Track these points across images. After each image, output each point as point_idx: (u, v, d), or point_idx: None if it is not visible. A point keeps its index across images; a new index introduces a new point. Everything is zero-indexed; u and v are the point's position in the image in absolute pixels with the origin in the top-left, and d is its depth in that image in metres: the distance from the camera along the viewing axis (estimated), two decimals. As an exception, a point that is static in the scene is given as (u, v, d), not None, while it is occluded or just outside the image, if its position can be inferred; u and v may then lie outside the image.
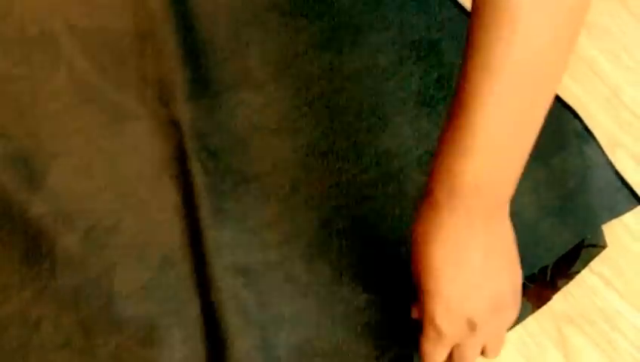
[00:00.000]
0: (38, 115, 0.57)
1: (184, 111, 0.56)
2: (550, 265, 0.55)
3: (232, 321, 0.50)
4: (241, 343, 0.50)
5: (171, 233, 0.54)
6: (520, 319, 0.54)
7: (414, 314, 0.48)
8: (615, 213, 0.57)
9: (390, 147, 0.58)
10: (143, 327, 0.50)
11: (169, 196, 0.55)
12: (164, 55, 0.59)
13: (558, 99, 0.59)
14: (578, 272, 0.55)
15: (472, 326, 0.43)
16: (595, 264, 0.56)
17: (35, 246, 0.52)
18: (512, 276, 0.45)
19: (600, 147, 0.58)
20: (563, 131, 0.58)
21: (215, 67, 0.59)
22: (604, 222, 0.56)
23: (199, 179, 0.55)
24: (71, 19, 0.60)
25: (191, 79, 0.58)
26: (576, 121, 0.59)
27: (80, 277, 0.52)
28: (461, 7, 0.63)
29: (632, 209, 0.57)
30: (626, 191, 0.57)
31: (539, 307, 0.54)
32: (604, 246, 0.56)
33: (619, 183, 0.57)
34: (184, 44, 0.59)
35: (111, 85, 0.58)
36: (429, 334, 0.44)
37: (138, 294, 0.52)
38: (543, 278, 0.55)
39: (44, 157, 0.55)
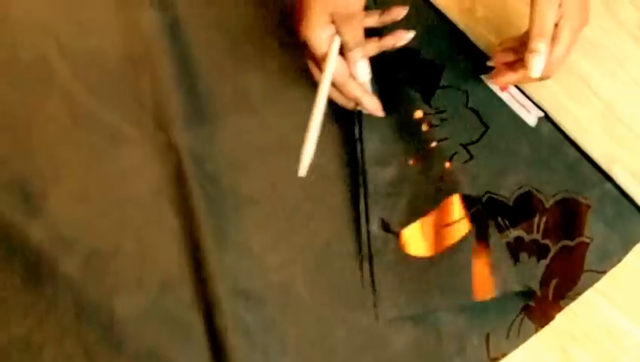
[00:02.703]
0: (33, 140, 0.57)
1: (182, 135, 0.57)
2: (553, 284, 0.54)
3: (237, 344, 0.51)
4: None
5: (171, 257, 0.54)
6: (524, 339, 0.54)
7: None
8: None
9: None
10: (147, 352, 0.51)
11: (168, 220, 0.55)
12: (160, 78, 0.59)
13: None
14: (579, 294, 0.55)
15: None
16: (598, 282, 0.56)
17: (35, 272, 0.53)
18: None
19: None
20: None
21: (211, 90, 0.59)
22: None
23: (199, 203, 0.55)
24: (64, 44, 0.60)
25: (187, 102, 0.59)
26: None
27: (81, 303, 0.52)
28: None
29: None
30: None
31: (542, 326, 0.55)
32: (605, 272, 0.56)
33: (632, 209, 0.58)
34: (179, 67, 0.60)
35: (106, 109, 0.59)
36: None
37: (140, 318, 0.52)
38: (546, 297, 0.55)
39: (41, 182, 0.56)
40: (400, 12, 0.58)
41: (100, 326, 0.52)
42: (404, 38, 0.57)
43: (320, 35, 0.52)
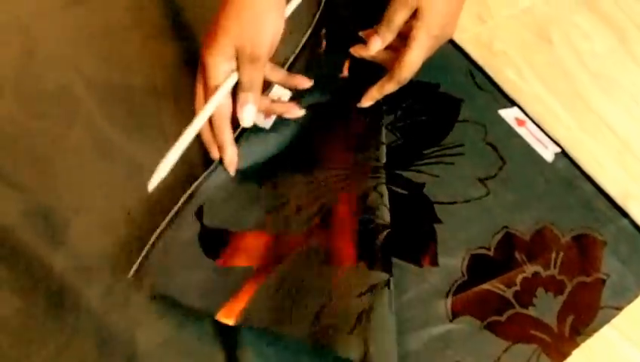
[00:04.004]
0: (57, 170, 0.58)
1: (204, 169, 0.56)
2: (569, 320, 0.54)
3: None
4: None
5: None
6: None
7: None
8: None
9: None
10: None
11: None
12: (183, 111, 0.59)
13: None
14: (596, 331, 0.56)
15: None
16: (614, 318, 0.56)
17: (58, 302, 0.53)
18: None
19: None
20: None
21: None
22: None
23: None
24: (89, 76, 0.61)
25: None
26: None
27: (103, 332, 0.52)
28: None
29: None
30: None
31: (559, 362, 0.54)
32: (621, 308, 0.57)
33: None
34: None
35: (129, 141, 0.59)
36: None
37: (160, 350, 0.52)
38: (562, 334, 0.54)
39: (64, 212, 0.56)
40: (304, 83, 0.59)
41: (122, 356, 0.51)
42: (294, 112, 0.58)
43: (219, 64, 0.53)
